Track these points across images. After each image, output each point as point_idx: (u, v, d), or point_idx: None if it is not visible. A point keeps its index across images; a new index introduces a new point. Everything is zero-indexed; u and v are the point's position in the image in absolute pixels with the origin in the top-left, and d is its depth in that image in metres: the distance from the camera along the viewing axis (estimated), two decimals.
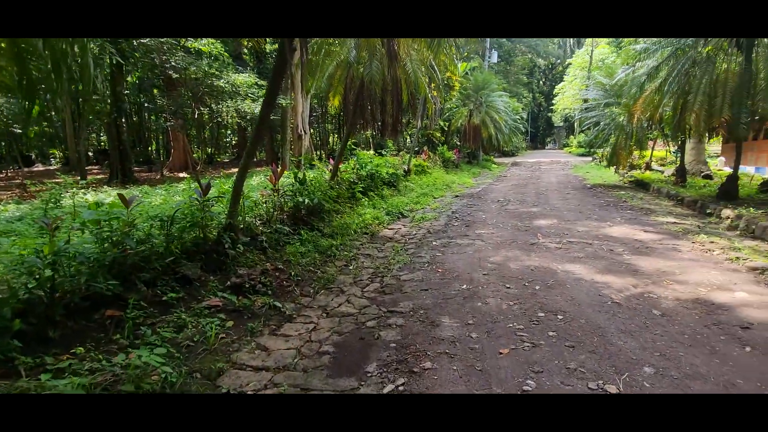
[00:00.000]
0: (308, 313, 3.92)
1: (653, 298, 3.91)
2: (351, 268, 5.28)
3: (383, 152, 16.26)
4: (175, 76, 13.59)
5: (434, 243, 6.44)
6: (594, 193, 12.01)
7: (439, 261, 5.46)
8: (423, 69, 10.15)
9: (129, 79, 18.15)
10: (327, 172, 9.44)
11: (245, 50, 22.16)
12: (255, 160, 26.55)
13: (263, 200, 6.54)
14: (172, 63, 12.35)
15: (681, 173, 11.69)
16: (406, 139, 22.10)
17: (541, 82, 58.32)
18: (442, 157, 19.12)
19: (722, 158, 14.96)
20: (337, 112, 24.25)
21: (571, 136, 47.25)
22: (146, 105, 21.05)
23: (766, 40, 8.02)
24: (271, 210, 6.42)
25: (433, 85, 12.78)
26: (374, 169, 10.45)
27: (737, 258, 5.02)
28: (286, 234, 5.96)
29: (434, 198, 11.45)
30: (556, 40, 52.67)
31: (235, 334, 3.46)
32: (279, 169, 6.97)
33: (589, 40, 44.50)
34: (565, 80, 45.94)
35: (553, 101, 49.92)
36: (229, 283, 4.37)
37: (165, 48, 12.37)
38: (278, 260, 5.23)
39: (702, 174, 12.92)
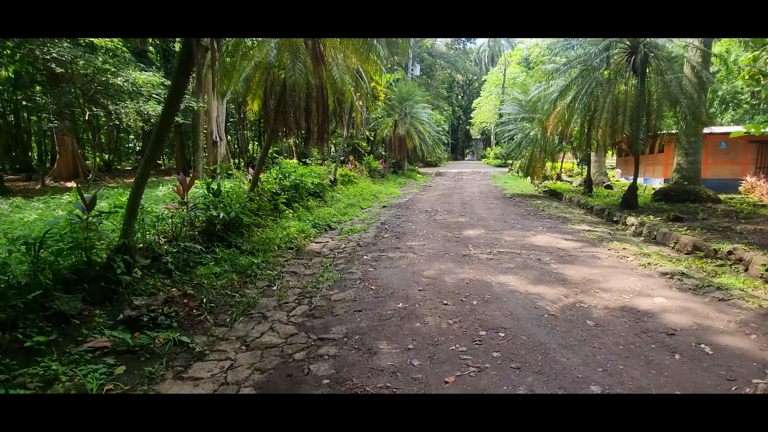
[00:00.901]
0: (224, 347, 3.34)
1: (585, 307, 3.99)
2: (275, 288, 4.75)
3: (308, 161, 15.69)
4: (59, 70, 11.71)
5: (365, 257, 6.13)
6: (514, 203, 12.70)
7: (371, 277, 5.15)
8: (349, 76, 9.92)
9: (2, 73, 15.38)
10: (246, 182, 8.69)
11: (150, 48, 20.16)
12: (164, 168, 24.13)
13: (169, 215, 5.70)
14: (54, 55, 10.60)
15: (588, 184, 12.90)
16: (331, 148, 21.73)
17: (459, 97, 61.91)
18: (368, 167, 19.05)
19: (618, 170, 16.95)
20: (256, 117, 23.08)
21: (489, 148, 50.62)
22: (24, 104, 18.00)
23: (654, 65, 9.12)
24: (179, 225, 5.62)
25: (359, 93, 12.63)
26: (299, 179, 9.90)
27: (648, 264, 5.44)
28: (198, 253, 5.23)
29: (362, 209, 11.20)
30: (472, 57, 56.38)
31: (127, 383, 2.79)
32: (189, 179, 6.17)
33: (501, 59, 48.36)
34: (482, 95, 49.34)
35: (471, 115, 53.31)
36: (121, 316, 3.61)
37: (45, 38, 10.59)
38: (187, 284, 4.52)
39: (604, 184, 14.42)
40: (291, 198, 9.28)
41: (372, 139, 22.62)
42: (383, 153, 24.51)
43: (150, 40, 19.10)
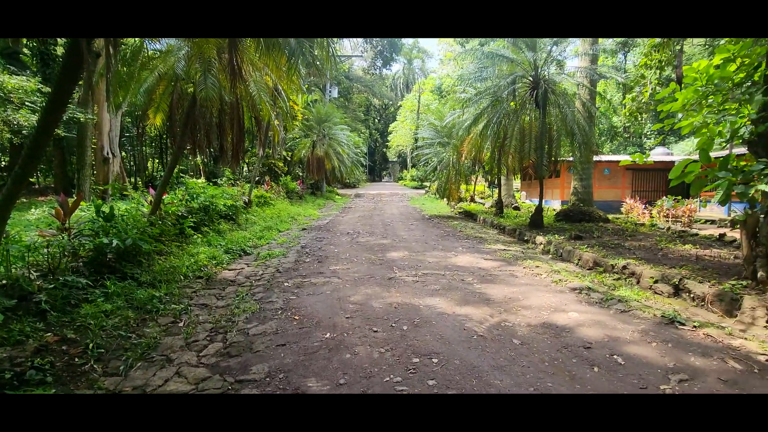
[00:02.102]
0: None
1: (510, 326, 4.14)
2: (181, 325, 4.19)
3: (219, 181, 14.70)
4: None
5: (286, 284, 5.78)
6: (433, 224, 13.18)
7: (294, 306, 4.83)
8: (267, 94, 9.58)
9: None
10: (146, 204, 7.79)
11: (25, 49, 17.54)
12: (38, 187, 20.73)
13: (44, 243, 4.82)
14: None
15: (499, 205, 13.93)
16: (245, 167, 20.72)
17: (376, 120, 63.87)
18: (285, 188, 18.48)
19: (524, 192, 18.67)
20: (159, 133, 21.18)
21: (405, 170, 52.60)
22: None
23: (552, 99, 10.27)
24: (58, 256, 4.76)
25: (277, 111, 12.26)
26: (209, 201, 9.16)
27: (560, 280, 5.91)
28: (82, 288, 4.45)
29: (280, 232, 10.71)
30: (388, 83, 58.83)
31: None
32: (73, 201, 5.31)
33: (416, 87, 51.10)
34: (398, 120, 51.42)
35: (388, 138, 55.14)
36: None
37: None
38: (68, 327, 3.78)
39: (513, 206, 15.72)
40: (200, 221, 8.51)
41: (289, 159, 22.09)
42: (301, 174, 24.04)
43: (25, 41, 16.63)
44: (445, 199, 18.46)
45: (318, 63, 8.14)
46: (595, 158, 13.01)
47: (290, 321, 4.34)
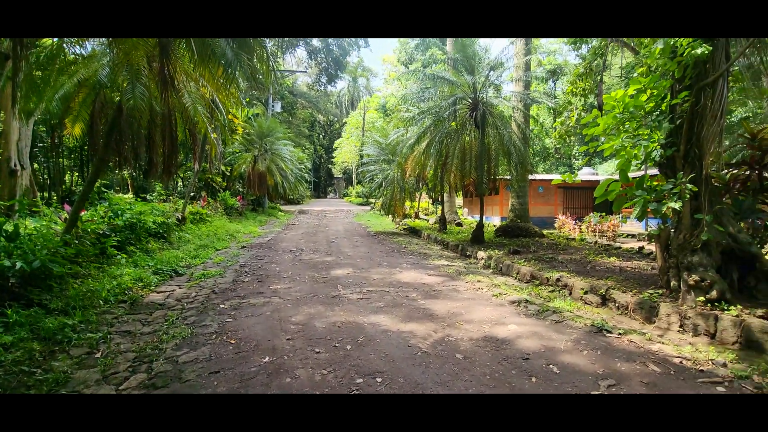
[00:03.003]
0: None
1: (453, 341, 4.20)
2: (98, 356, 3.79)
3: (149, 197, 13.75)
4: None
5: (222, 306, 5.46)
6: (378, 240, 13.24)
7: (230, 329, 4.56)
8: (204, 106, 9.20)
9: None
10: (60, 222, 7.07)
11: None
12: None
13: None
14: None
15: (442, 222, 14.34)
16: (179, 182, 19.63)
17: (321, 136, 63.71)
18: (224, 204, 17.71)
19: (466, 209, 19.41)
20: (79, 144, 19.46)
21: (351, 187, 52.71)
22: None
23: (490, 121, 10.87)
24: None
25: (214, 125, 11.82)
26: (136, 218, 8.51)
27: (500, 294, 6.15)
28: None
29: (217, 250, 10.19)
30: (333, 100, 59.14)
31: None
32: None
33: (361, 104, 51.83)
34: (343, 137, 51.71)
35: (333, 154, 55.16)
36: None
37: None
38: None
39: (455, 222, 16.25)
40: (125, 240, 7.87)
41: (229, 174, 21.25)
42: (241, 189, 23.20)
43: None
44: (390, 215, 18.69)
45: (259, 76, 7.99)
46: (531, 177, 13.88)
47: (225, 345, 4.08)
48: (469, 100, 11.33)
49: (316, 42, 40.95)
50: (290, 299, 5.82)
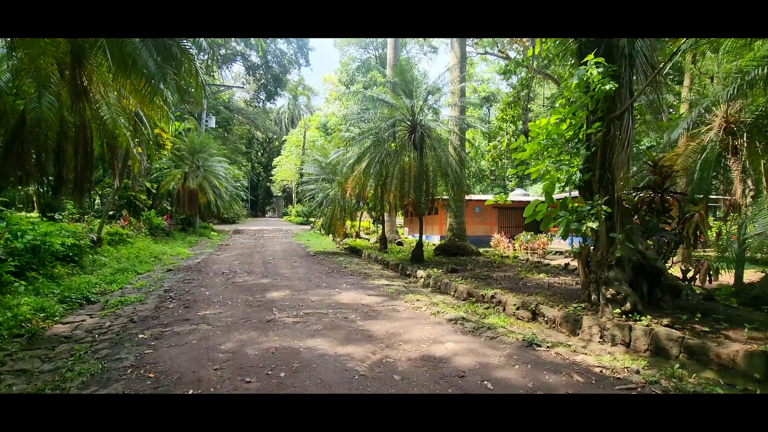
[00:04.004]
0: None
1: (391, 362, 4.19)
2: None
3: (58, 216, 12.44)
4: None
5: (141, 336, 5.02)
6: (318, 261, 13.01)
7: (149, 361, 4.19)
8: (126, 119, 8.62)
9: None
10: None
11: None
12: None
13: None
14: None
15: (383, 241, 14.46)
16: (96, 200, 18.04)
17: (259, 153, 62.17)
18: (148, 224, 16.50)
19: (406, 228, 19.77)
20: None
21: (290, 206, 51.65)
22: None
23: (428, 143, 11.28)
24: None
25: (139, 139, 11.10)
26: (40, 240, 7.63)
27: (438, 312, 6.27)
28: None
29: (138, 274, 9.42)
30: (272, 117, 58.16)
31: None
32: None
33: (301, 122, 51.50)
34: (283, 154, 50.85)
35: (272, 172, 53.91)
36: None
37: None
38: None
39: (396, 241, 16.47)
40: (25, 265, 7.01)
41: (155, 191, 19.90)
42: (169, 208, 21.81)
43: None
44: (330, 235, 18.52)
45: (191, 89, 7.67)
46: (467, 197, 14.53)
47: (143, 380, 3.73)
48: (408, 123, 11.71)
49: (254, 58, 40.28)
50: (220, 325, 5.49)
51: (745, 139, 7.67)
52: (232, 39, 35.62)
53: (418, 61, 49.44)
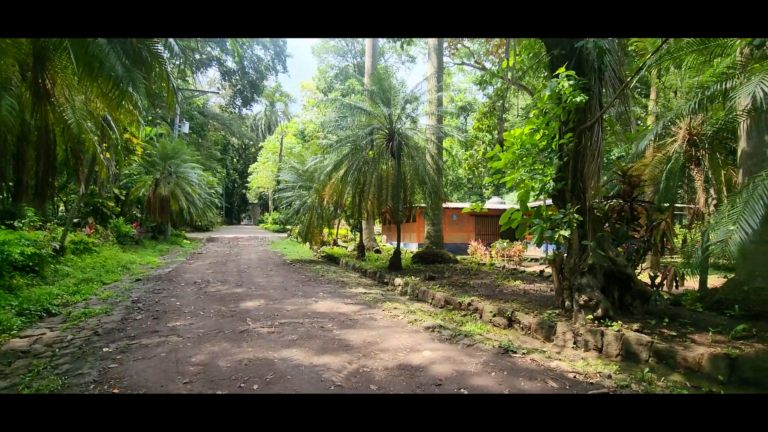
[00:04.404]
0: None
1: (368, 371, 4.15)
2: None
3: (17, 224, 11.86)
4: None
5: (105, 349, 4.80)
6: (295, 269, 12.84)
7: (114, 376, 4.01)
8: (93, 123, 8.34)
9: None
10: None
11: None
12: None
13: None
14: None
15: (361, 249, 14.41)
16: (60, 207, 17.34)
17: (235, 160, 61.21)
18: (116, 232, 15.93)
19: (384, 236, 19.78)
20: None
21: (267, 213, 50.96)
22: None
23: (406, 151, 11.36)
24: None
25: (107, 144, 10.75)
26: None
27: (415, 320, 6.27)
28: None
29: (104, 284, 9.06)
30: (248, 123, 57.49)
31: None
32: None
33: (278, 129, 51.09)
34: (259, 161, 50.23)
35: (248, 179, 53.16)
36: None
37: None
38: None
39: (374, 249, 16.45)
40: None
41: (124, 198, 19.27)
42: (139, 215, 21.14)
43: None
44: (307, 243, 18.33)
45: (164, 94, 7.50)
46: (445, 205, 14.67)
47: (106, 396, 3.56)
48: (386, 131, 11.77)
49: (230, 63, 39.83)
50: (191, 337, 5.32)
51: (706, 150, 8.06)
52: (208, 44, 35.15)
53: (396, 70, 49.97)
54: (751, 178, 4.25)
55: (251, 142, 59.20)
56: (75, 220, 13.70)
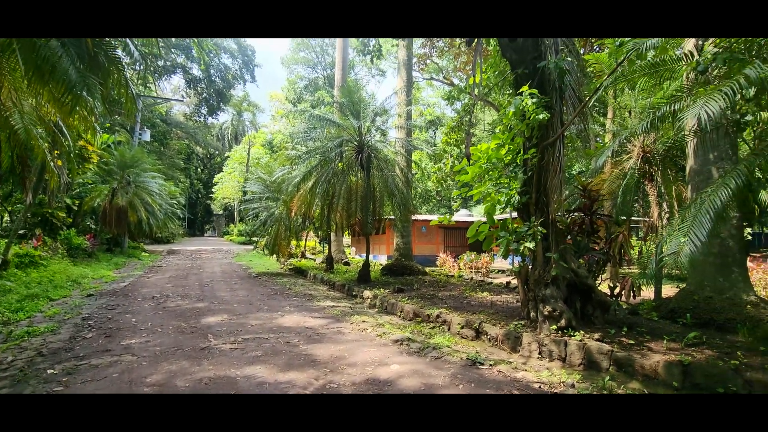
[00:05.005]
0: None
1: (335, 387, 4.07)
2: None
3: None
4: None
5: (50, 371, 4.49)
6: (260, 282, 12.52)
7: None
8: (44, 129, 7.92)
9: None
10: None
11: None
12: None
13: None
14: None
15: (329, 261, 14.25)
16: (5, 217, 16.27)
17: (199, 170, 59.54)
18: (67, 244, 15.07)
19: (353, 248, 19.67)
20: None
21: (232, 225, 49.65)
22: None
23: (375, 163, 11.41)
24: None
25: (58, 151, 10.22)
26: None
27: (384, 333, 6.22)
28: None
29: (52, 300, 8.51)
30: (214, 132, 56.22)
31: None
32: None
33: (246, 139, 50.25)
34: (225, 171, 49.08)
35: (213, 189, 51.76)
36: None
37: None
38: None
39: (343, 261, 16.30)
40: None
41: (77, 208, 18.28)
42: (93, 227, 20.10)
43: None
44: (274, 255, 17.97)
45: (123, 100, 7.22)
46: (414, 217, 14.81)
47: None
48: (356, 143, 11.80)
49: (196, 71, 38.97)
50: (147, 355, 5.05)
51: (659, 167, 8.55)
52: (172, 51, 34.32)
53: (366, 83, 50.41)
54: (698, 194, 4.53)
55: (217, 152, 57.82)
56: (20, 232, 12.87)
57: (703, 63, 4.36)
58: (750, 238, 20.48)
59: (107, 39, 5.55)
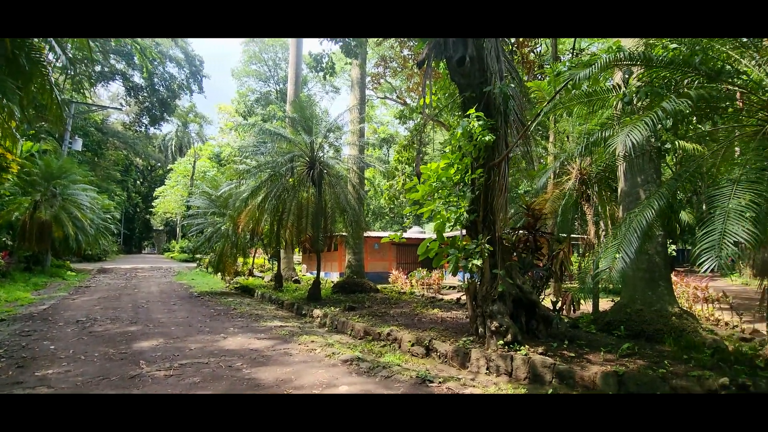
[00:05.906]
0: None
1: None
2: None
3: None
4: None
5: None
6: (202, 302, 11.90)
7: None
8: None
9: None
10: None
11: None
12: None
13: None
14: None
15: (278, 279, 13.85)
16: None
17: (138, 182, 56.27)
18: None
19: (304, 265, 19.27)
20: None
21: (174, 241, 47.05)
22: None
23: (327, 179, 11.35)
24: None
25: None
26: None
27: (333, 354, 6.09)
28: None
29: None
30: (156, 143, 53.60)
31: None
32: None
33: (191, 151, 48.25)
34: (167, 184, 46.73)
35: (153, 204, 49.00)
36: None
37: None
38: None
39: (293, 279, 15.90)
40: None
41: None
42: (10, 243, 18.25)
43: None
44: (219, 273, 17.18)
45: (51, 106, 6.71)
46: (366, 234, 14.79)
47: None
48: (307, 159, 11.70)
49: (137, 79, 37.10)
50: (66, 387, 4.59)
51: (594, 188, 9.20)
52: (111, 57, 32.55)
53: (320, 99, 50.41)
54: (628, 214, 4.91)
55: (159, 164, 55.03)
56: None
57: (629, 95, 4.79)
58: (674, 254, 22.46)
59: (30, 39, 5.16)
